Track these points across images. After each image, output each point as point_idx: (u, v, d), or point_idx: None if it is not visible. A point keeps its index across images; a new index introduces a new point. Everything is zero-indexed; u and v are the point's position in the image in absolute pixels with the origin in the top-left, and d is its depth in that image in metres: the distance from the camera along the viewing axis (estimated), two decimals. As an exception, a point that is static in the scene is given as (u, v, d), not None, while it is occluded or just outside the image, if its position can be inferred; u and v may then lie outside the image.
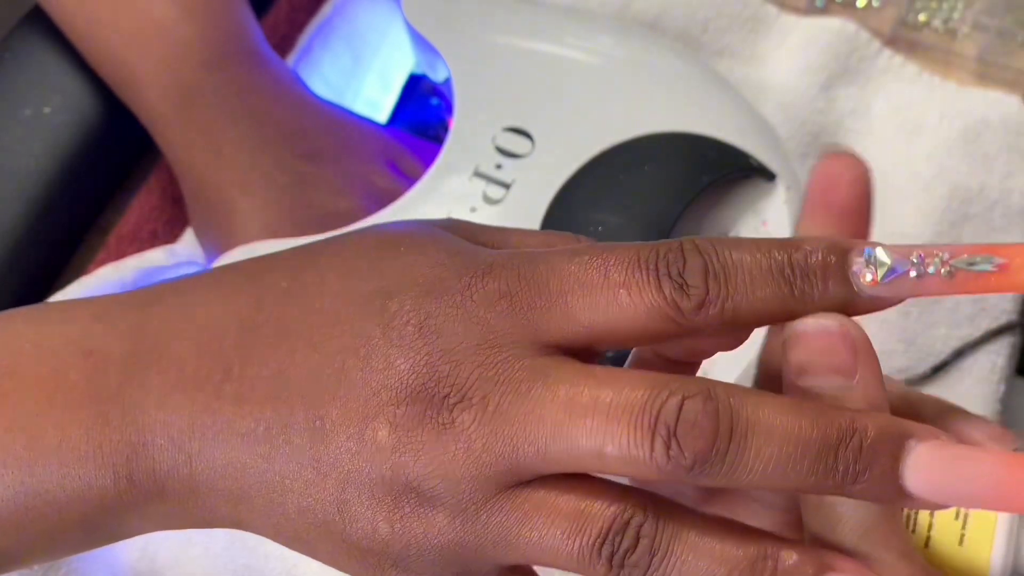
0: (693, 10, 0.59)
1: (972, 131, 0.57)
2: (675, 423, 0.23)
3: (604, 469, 0.24)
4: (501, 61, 0.51)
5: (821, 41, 0.59)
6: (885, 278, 0.25)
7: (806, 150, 0.58)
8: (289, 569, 0.48)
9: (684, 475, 0.24)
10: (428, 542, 0.25)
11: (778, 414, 0.24)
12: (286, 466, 0.26)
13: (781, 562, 0.24)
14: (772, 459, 0.23)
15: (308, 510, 0.26)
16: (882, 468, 0.24)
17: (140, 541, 0.49)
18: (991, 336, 0.54)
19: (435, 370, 0.25)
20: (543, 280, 0.26)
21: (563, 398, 0.25)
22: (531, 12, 0.54)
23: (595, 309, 0.25)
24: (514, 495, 0.25)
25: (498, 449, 0.25)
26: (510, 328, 0.26)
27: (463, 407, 0.25)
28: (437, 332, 0.26)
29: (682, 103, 0.50)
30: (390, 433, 0.25)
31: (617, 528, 0.24)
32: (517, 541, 0.25)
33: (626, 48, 0.53)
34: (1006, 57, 0.60)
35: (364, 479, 0.25)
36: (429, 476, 0.25)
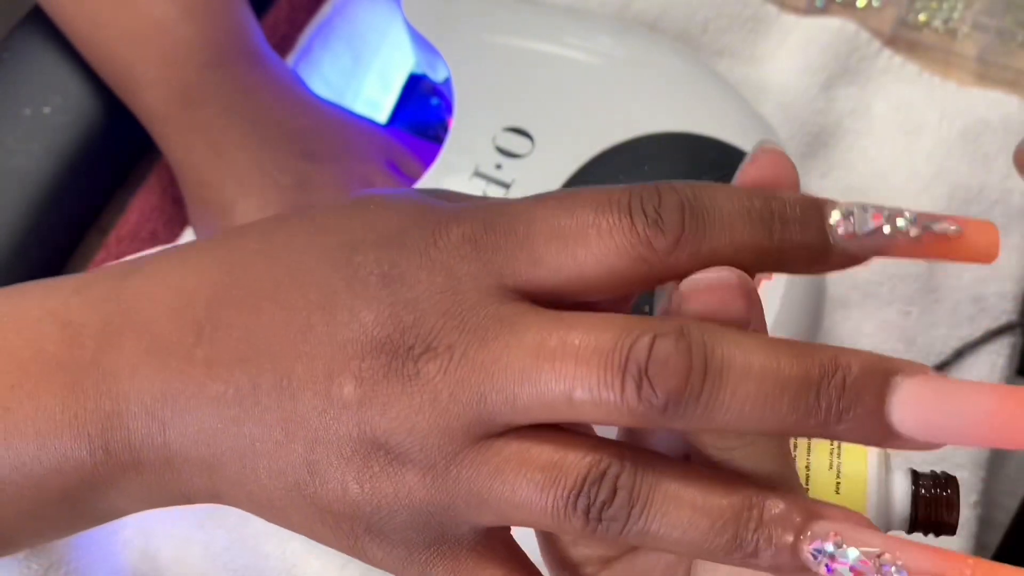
0: (693, 10, 0.59)
1: (972, 131, 0.57)
2: (646, 362, 0.22)
3: (576, 416, 0.23)
4: (501, 61, 0.51)
5: (821, 41, 0.59)
6: (861, 230, 0.24)
7: (806, 150, 0.58)
8: (289, 569, 0.48)
9: (658, 417, 0.22)
10: (399, 502, 0.25)
11: (756, 351, 0.22)
12: (255, 428, 0.25)
13: (767, 511, 0.23)
14: (750, 397, 0.22)
15: (279, 473, 0.25)
16: (867, 406, 0.22)
17: (140, 541, 0.49)
18: (991, 336, 0.54)
19: (399, 320, 0.24)
20: (509, 224, 0.25)
21: (530, 343, 0.24)
22: (531, 12, 0.54)
23: (563, 251, 0.24)
24: (484, 448, 0.24)
25: (465, 398, 0.24)
26: (475, 273, 0.25)
27: (428, 357, 0.24)
28: (401, 281, 0.25)
29: (682, 103, 0.50)
30: (356, 388, 0.24)
31: (593, 479, 0.23)
32: (489, 497, 0.24)
33: (626, 48, 0.53)
34: (1006, 57, 0.60)
35: (332, 437, 0.25)
36: (396, 431, 0.24)
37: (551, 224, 0.25)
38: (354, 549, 0.26)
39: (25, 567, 0.46)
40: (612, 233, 0.24)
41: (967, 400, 0.22)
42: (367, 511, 0.25)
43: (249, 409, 0.25)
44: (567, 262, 0.24)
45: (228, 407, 0.26)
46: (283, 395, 0.25)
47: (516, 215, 0.25)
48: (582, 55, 0.52)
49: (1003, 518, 0.55)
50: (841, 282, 0.55)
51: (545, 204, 0.25)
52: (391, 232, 0.26)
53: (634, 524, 0.23)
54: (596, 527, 0.23)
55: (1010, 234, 0.55)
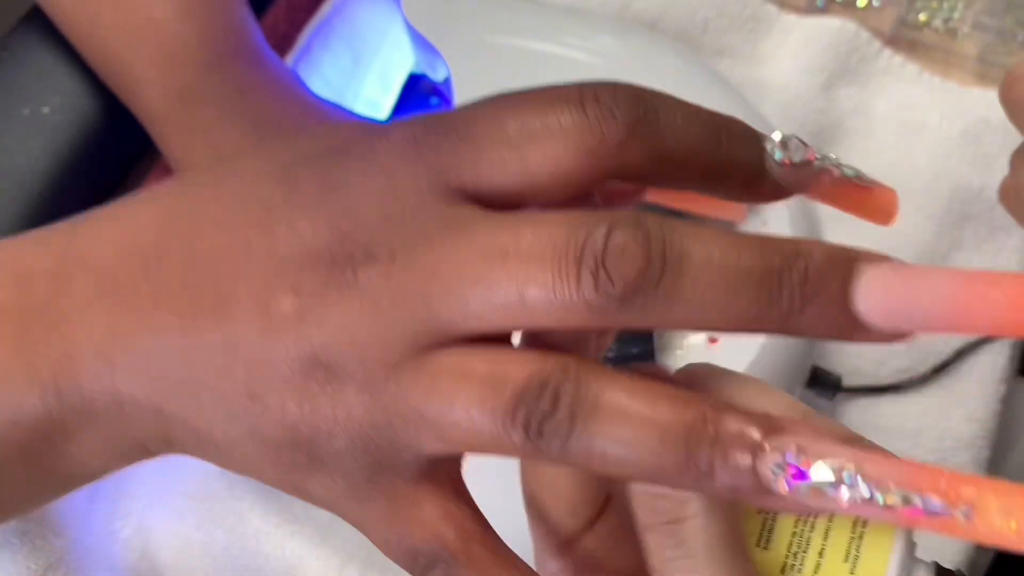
0: (693, 10, 0.59)
1: (972, 131, 0.57)
2: (602, 252, 0.21)
3: (530, 319, 0.22)
4: (501, 61, 0.51)
5: (821, 41, 0.59)
6: (795, 158, 0.24)
7: (806, 150, 0.58)
8: (289, 569, 0.48)
9: (616, 311, 0.21)
10: (337, 424, 0.23)
11: (715, 242, 0.21)
12: (197, 357, 0.24)
13: (723, 425, 0.21)
14: (711, 286, 0.21)
15: (222, 403, 0.24)
16: (831, 293, 0.21)
17: (140, 541, 0.49)
18: (992, 336, 0.54)
19: (337, 228, 0.23)
20: (452, 123, 0.24)
21: (479, 244, 0.22)
22: (531, 12, 0.54)
23: (508, 149, 0.23)
24: (424, 360, 0.23)
25: (408, 304, 0.23)
26: (416, 173, 0.24)
27: (368, 264, 0.23)
28: (338, 188, 0.24)
29: (682, 103, 0.50)
30: (294, 301, 0.23)
31: (534, 389, 0.21)
32: (428, 414, 0.22)
33: (626, 48, 0.53)
34: (1006, 57, 0.60)
35: (270, 357, 0.24)
36: (335, 343, 0.23)
37: (496, 122, 0.23)
38: (296, 486, 0.25)
39: (24, 567, 0.46)
40: (561, 125, 0.23)
41: (931, 283, 0.21)
42: (306, 435, 0.24)
43: (193, 338, 0.25)
44: (513, 159, 0.23)
45: (173, 337, 0.25)
46: (223, 318, 0.24)
47: (459, 115, 0.24)
48: (582, 55, 0.52)
49: (1004, 518, 0.55)
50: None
51: (491, 104, 0.24)
52: (334, 146, 0.25)
53: (577, 439, 0.21)
54: (537, 444, 0.21)
55: (1010, 234, 0.55)
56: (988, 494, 0.19)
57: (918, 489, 0.19)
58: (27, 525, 0.47)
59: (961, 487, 0.19)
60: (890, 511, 0.19)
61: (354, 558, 0.49)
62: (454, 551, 0.23)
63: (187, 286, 0.25)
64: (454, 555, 0.23)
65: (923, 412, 0.53)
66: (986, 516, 0.19)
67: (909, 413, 0.53)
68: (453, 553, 0.23)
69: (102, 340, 0.26)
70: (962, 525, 0.19)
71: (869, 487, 0.20)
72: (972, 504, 0.19)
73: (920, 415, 0.53)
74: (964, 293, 0.21)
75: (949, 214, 0.55)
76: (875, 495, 0.20)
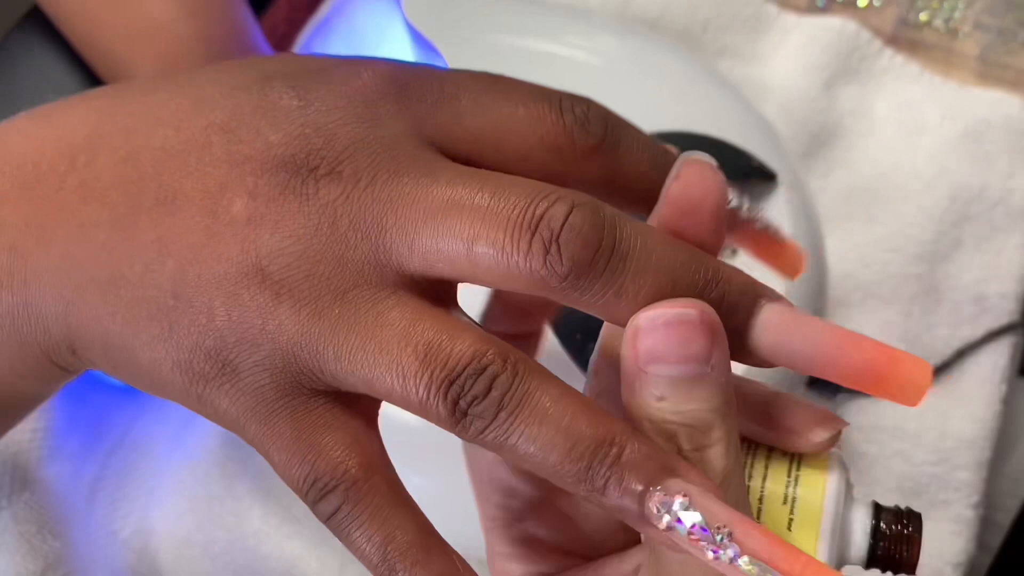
0: (693, 10, 0.59)
1: (973, 131, 0.57)
2: (560, 228, 0.22)
3: (471, 272, 0.22)
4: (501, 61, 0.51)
5: (822, 40, 0.59)
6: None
7: (807, 150, 0.58)
8: (289, 569, 0.48)
9: (555, 286, 0.22)
10: (264, 335, 0.23)
11: (658, 244, 0.23)
12: (125, 252, 0.23)
13: (626, 452, 0.22)
14: (645, 286, 0.22)
15: (140, 301, 0.23)
16: (736, 322, 0.23)
17: (140, 541, 0.49)
18: (992, 336, 0.53)
19: (308, 141, 0.23)
20: (439, 80, 0.25)
21: (443, 187, 0.22)
22: (531, 12, 0.54)
23: (487, 116, 0.24)
24: (375, 295, 0.23)
25: (365, 228, 0.22)
26: (396, 113, 0.24)
27: (332, 179, 0.23)
28: (315, 106, 0.24)
29: (682, 103, 0.50)
30: (247, 203, 0.23)
31: (472, 371, 0.22)
32: (359, 356, 0.22)
33: (626, 48, 0.53)
34: (1007, 56, 0.60)
35: (208, 255, 0.23)
36: (284, 252, 0.23)
37: (480, 91, 0.25)
38: (200, 398, 0.24)
39: (23, 568, 0.46)
40: (540, 119, 0.24)
41: (810, 331, 0.23)
42: (229, 343, 0.23)
43: (123, 230, 0.23)
44: (489, 128, 0.24)
45: (99, 231, 0.24)
46: (163, 211, 0.23)
47: (447, 75, 0.25)
48: (582, 55, 0.52)
49: (1004, 519, 0.55)
50: (842, 282, 0.55)
51: (478, 75, 0.25)
52: (310, 69, 0.25)
53: (497, 428, 0.22)
54: (460, 421, 0.22)
55: (1011, 234, 0.55)
56: None
57: (776, 567, 0.21)
58: (25, 526, 0.47)
59: (807, 570, 0.21)
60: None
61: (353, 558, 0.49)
62: (355, 480, 0.23)
63: (125, 179, 0.24)
64: (354, 484, 0.23)
65: (923, 412, 0.53)
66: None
67: (909, 413, 0.52)
68: (353, 482, 0.23)
69: (16, 234, 0.24)
70: None
71: (735, 552, 0.21)
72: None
73: (920, 415, 0.53)
74: (831, 346, 0.23)
75: (949, 214, 0.55)
76: (737, 560, 0.21)
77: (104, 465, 0.51)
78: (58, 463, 0.49)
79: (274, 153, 0.23)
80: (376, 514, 0.23)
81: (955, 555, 0.50)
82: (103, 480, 0.51)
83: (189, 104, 0.25)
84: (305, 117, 0.24)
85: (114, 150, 0.24)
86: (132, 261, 0.23)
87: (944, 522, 0.51)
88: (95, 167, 0.24)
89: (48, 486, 0.48)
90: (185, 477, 0.50)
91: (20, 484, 0.47)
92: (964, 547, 0.51)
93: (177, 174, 0.24)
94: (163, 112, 0.25)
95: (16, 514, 0.47)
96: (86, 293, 0.24)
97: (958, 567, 0.50)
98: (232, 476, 0.50)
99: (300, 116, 0.24)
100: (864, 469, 0.52)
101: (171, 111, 0.24)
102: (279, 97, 0.24)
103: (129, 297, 0.24)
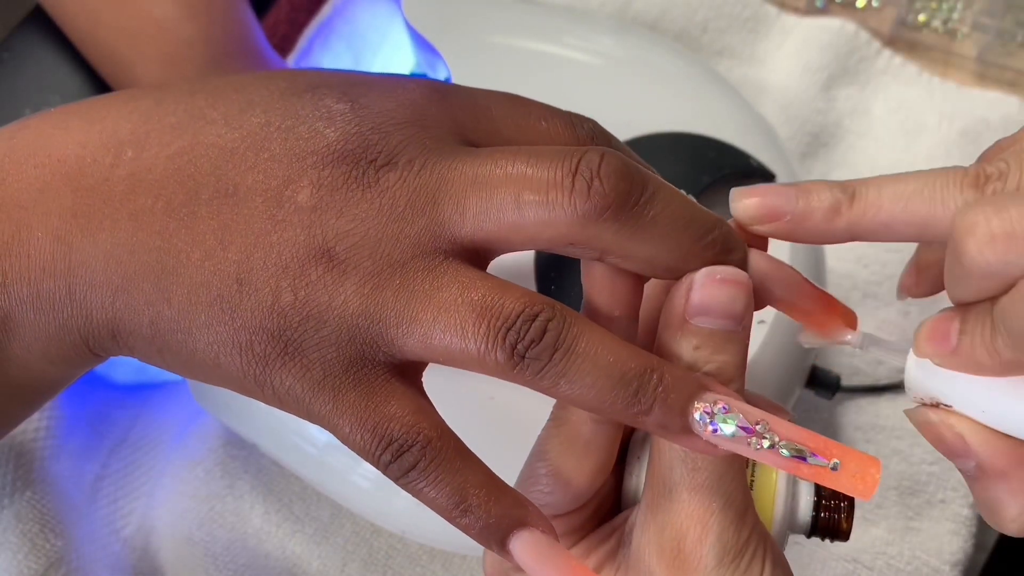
0: (693, 10, 0.59)
1: (972, 131, 0.57)
2: (598, 166, 0.24)
3: (519, 223, 0.25)
4: (501, 61, 0.51)
5: (821, 41, 0.59)
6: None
7: (806, 150, 0.58)
8: (289, 569, 0.49)
9: (599, 216, 0.24)
10: (331, 312, 0.24)
11: (672, 189, 0.26)
12: (185, 239, 0.25)
13: (667, 375, 0.25)
14: (678, 219, 0.25)
15: (202, 287, 0.25)
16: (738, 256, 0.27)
17: (140, 541, 0.50)
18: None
19: (365, 138, 0.25)
20: (471, 95, 0.27)
21: (485, 159, 0.25)
22: (531, 12, 0.54)
23: (516, 124, 0.27)
24: (430, 263, 0.25)
25: (420, 204, 0.25)
26: (441, 118, 0.26)
27: (389, 168, 0.25)
28: (368, 108, 0.26)
29: (682, 103, 0.50)
30: (312, 193, 0.25)
31: (526, 317, 0.24)
32: (423, 319, 0.24)
33: (626, 48, 0.53)
34: (1006, 57, 0.60)
35: (274, 242, 0.24)
36: (349, 233, 0.25)
37: (507, 106, 0.27)
38: (258, 379, 0.25)
39: (25, 566, 0.46)
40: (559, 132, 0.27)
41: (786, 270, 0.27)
42: (294, 322, 0.24)
43: (181, 219, 0.25)
44: (521, 136, 0.27)
45: (154, 219, 0.25)
46: (226, 203, 0.25)
47: (475, 90, 0.28)
48: (582, 55, 0.52)
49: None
50: (841, 282, 0.55)
51: (499, 92, 0.28)
52: (355, 81, 0.27)
53: (554, 366, 0.24)
54: (518, 364, 0.24)
55: (1009, 234, 0.55)
56: (850, 456, 0.25)
57: (807, 446, 0.25)
58: (28, 524, 0.47)
59: (833, 449, 0.25)
60: (784, 459, 0.25)
61: (354, 558, 0.49)
62: (429, 439, 0.25)
63: (177, 172, 0.25)
64: (430, 442, 0.25)
65: (922, 412, 0.53)
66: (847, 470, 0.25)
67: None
68: (429, 440, 0.25)
69: (61, 222, 0.25)
70: (830, 475, 0.25)
71: (773, 439, 0.25)
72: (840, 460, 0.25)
73: (919, 415, 0.53)
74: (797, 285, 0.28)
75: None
76: (777, 446, 0.25)
77: (106, 464, 0.51)
78: (60, 461, 0.49)
79: (335, 148, 0.25)
80: (450, 466, 0.25)
81: (953, 554, 0.50)
82: (105, 479, 0.51)
83: (238, 106, 0.26)
84: (360, 118, 0.26)
85: (164, 145, 0.25)
86: (191, 248, 0.25)
87: (942, 521, 0.51)
88: (144, 160, 0.25)
89: (50, 484, 0.48)
90: (187, 476, 0.50)
91: (23, 482, 0.47)
92: (962, 546, 0.51)
93: (237, 168, 0.25)
94: (212, 112, 0.26)
95: (19, 512, 0.47)
96: (137, 279, 0.25)
97: (956, 566, 0.50)
98: (234, 475, 0.50)
99: (355, 116, 0.26)
100: (862, 468, 0.52)
101: (220, 112, 0.26)
102: (331, 102, 0.26)
103: (189, 283, 0.25)
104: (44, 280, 0.25)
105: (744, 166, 0.48)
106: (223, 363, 0.25)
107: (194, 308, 0.25)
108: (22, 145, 0.26)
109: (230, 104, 0.26)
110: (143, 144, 0.25)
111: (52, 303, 0.25)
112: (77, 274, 0.25)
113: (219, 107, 0.26)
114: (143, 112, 0.26)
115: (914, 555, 0.51)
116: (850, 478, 0.25)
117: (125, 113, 0.26)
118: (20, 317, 0.26)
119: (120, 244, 0.25)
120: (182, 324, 0.25)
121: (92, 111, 0.27)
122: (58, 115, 0.27)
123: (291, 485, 0.50)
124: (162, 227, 0.25)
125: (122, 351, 0.26)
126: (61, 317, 0.25)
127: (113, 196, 0.25)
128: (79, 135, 0.26)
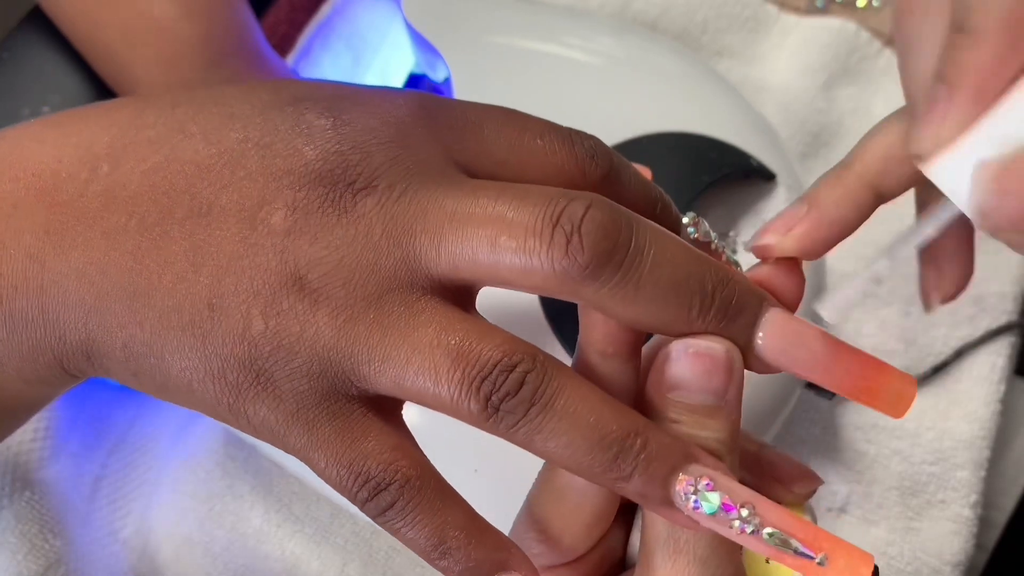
0: (693, 10, 0.59)
1: (972, 131, 0.57)
2: (580, 220, 0.23)
3: (494, 268, 0.23)
4: (501, 61, 0.51)
5: (821, 41, 0.59)
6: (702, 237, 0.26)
7: (806, 150, 0.58)
8: (289, 569, 0.48)
9: (576, 278, 0.23)
10: (302, 343, 0.23)
11: (671, 242, 0.24)
12: (156, 260, 0.24)
13: (651, 442, 0.23)
14: (662, 279, 0.23)
15: (173, 311, 0.24)
16: (746, 320, 0.25)
17: (140, 541, 0.50)
18: (991, 336, 0.54)
19: (344, 158, 0.24)
20: (462, 110, 0.26)
21: (468, 194, 0.24)
22: (531, 12, 0.54)
23: (509, 143, 0.26)
24: (406, 299, 0.24)
25: (397, 234, 0.24)
26: (427, 138, 0.25)
27: (367, 192, 0.24)
28: (350, 126, 0.24)
29: (682, 103, 0.50)
30: (286, 216, 0.23)
31: (503, 368, 0.23)
32: (393, 357, 0.23)
33: (626, 48, 0.53)
34: (1006, 57, 0.60)
35: (247, 266, 0.23)
36: (322, 261, 0.23)
37: (501, 122, 0.26)
38: (233, 409, 0.24)
39: (24, 567, 0.46)
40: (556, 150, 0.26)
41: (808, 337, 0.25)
42: (265, 352, 0.23)
43: (153, 239, 0.24)
44: (512, 156, 0.26)
45: (127, 238, 0.24)
46: (199, 223, 0.24)
47: (468, 105, 0.26)
48: (582, 55, 0.52)
49: (999, 518, 0.55)
50: (841, 282, 0.55)
51: (495, 108, 0.26)
52: (341, 94, 0.26)
53: (529, 422, 0.23)
54: (492, 416, 0.23)
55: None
56: (839, 550, 0.24)
57: (795, 536, 0.24)
58: (27, 525, 0.47)
59: (822, 542, 0.24)
60: (768, 547, 0.23)
61: (354, 558, 0.49)
62: (408, 477, 0.24)
63: (152, 191, 0.24)
64: (408, 480, 0.24)
65: (922, 412, 0.53)
66: (835, 566, 0.23)
67: (908, 413, 0.53)
68: (408, 479, 0.24)
69: (34, 240, 0.24)
70: (816, 569, 0.24)
71: (755, 524, 0.23)
72: (828, 555, 0.24)
73: (919, 415, 0.53)
74: (828, 355, 0.25)
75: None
76: (761, 532, 0.24)
77: (105, 464, 0.51)
78: (59, 462, 0.49)
79: (312, 168, 0.24)
80: (429, 507, 0.24)
81: (954, 555, 0.50)
82: (104, 479, 0.51)
83: (218, 120, 0.25)
84: (341, 136, 0.24)
85: (140, 160, 0.25)
86: (163, 270, 0.24)
87: (943, 522, 0.51)
88: (119, 176, 0.24)
89: (49, 485, 0.48)
90: (186, 476, 0.50)
91: (21, 483, 0.47)
92: (963, 547, 0.51)
93: (211, 186, 0.24)
94: (191, 126, 0.25)
95: (17, 513, 0.47)
96: (110, 300, 0.24)
97: (957, 567, 0.50)
98: (233, 475, 0.50)
99: (335, 135, 0.24)
100: (863, 469, 0.52)
101: (199, 125, 0.25)
102: (313, 118, 0.25)
103: (160, 306, 0.24)
104: (16, 299, 0.25)
105: (744, 166, 0.48)
106: (196, 390, 0.24)
107: (166, 332, 0.24)
108: (2, 158, 0.26)
109: (210, 117, 0.25)
110: (119, 159, 0.25)
111: (25, 322, 0.25)
112: (50, 293, 0.24)
113: (199, 121, 0.25)
114: (121, 125, 0.25)
115: (915, 555, 0.51)
116: (838, 574, 0.23)
117: (104, 126, 0.26)
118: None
119: (92, 263, 0.24)
120: (154, 348, 0.24)
121: (70, 123, 0.26)
122: (36, 127, 0.26)
123: (291, 485, 0.50)
124: (135, 247, 0.24)
125: (98, 372, 0.26)
126: (35, 337, 0.25)
127: (87, 213, 0.24)
128: (55, 149, 0.25)
